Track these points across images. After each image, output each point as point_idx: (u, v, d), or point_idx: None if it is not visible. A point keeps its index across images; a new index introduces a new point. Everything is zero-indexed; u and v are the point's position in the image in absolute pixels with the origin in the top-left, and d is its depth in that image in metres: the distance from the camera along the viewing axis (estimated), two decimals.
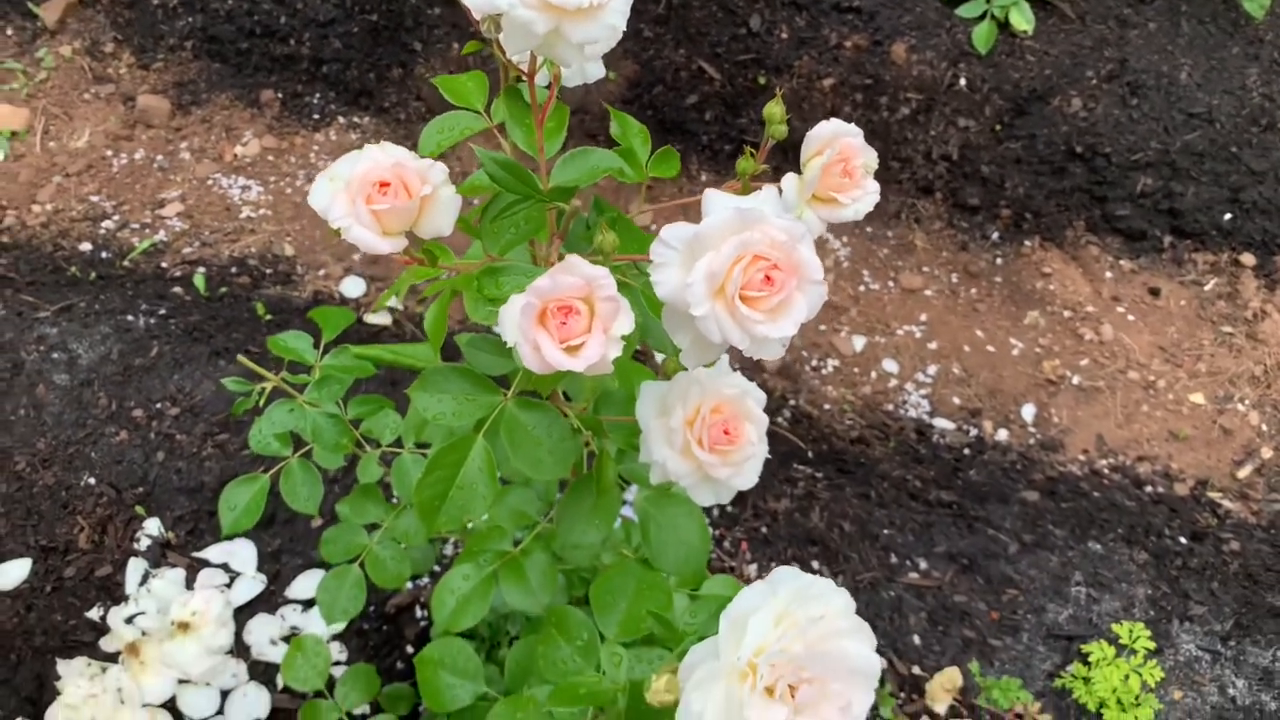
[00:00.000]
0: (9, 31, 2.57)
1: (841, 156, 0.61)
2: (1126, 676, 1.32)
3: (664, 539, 0.85)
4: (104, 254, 2.13)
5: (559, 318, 0.50)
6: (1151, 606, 1.47)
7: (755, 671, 0.55)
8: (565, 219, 0.59)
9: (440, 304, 0.65)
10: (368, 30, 2.46)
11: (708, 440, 0.70)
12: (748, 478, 0.73)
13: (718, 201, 0.52)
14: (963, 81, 2.26)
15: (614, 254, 0.56)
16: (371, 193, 0.52)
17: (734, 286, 0.50)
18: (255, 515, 1.05)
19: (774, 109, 0.63)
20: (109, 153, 2.37)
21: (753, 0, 2.32)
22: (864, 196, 0.62)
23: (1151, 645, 1.36)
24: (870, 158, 0.63)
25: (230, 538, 1.46)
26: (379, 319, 2.03)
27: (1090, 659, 1.36)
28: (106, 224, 2.21)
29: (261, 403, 1.01)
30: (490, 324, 0.74)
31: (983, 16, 2.27)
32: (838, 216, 0.62)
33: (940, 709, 1.31)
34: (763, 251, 0.50)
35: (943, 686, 1.31)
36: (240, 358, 1.00)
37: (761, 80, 2.29)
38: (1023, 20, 2.26)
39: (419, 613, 1.41)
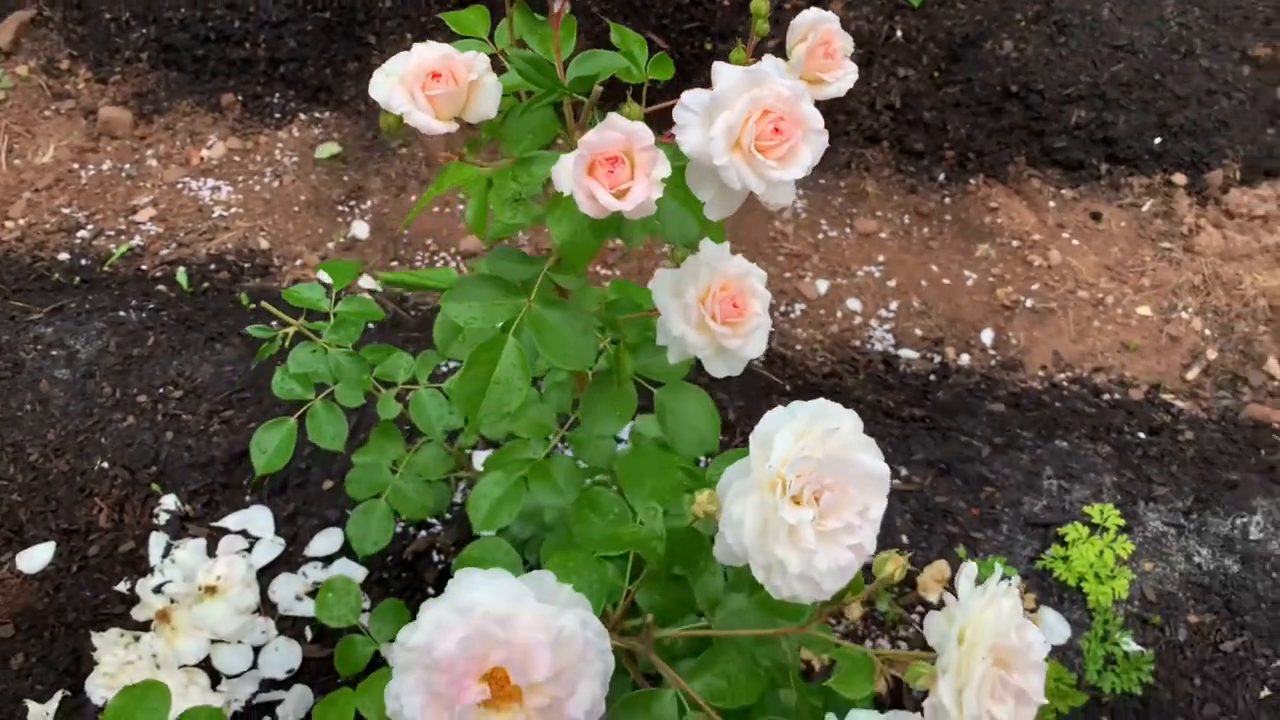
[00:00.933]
0: None
1: (823, 40, 0.70)
2: (1101, 552, 1.43)
3: (679, 426, 0.93)
4: (83, 261, 2.17)
5: (606, 168, 0.58)
6: (1118, 491, 1.57)
7: (784, 481, 0.63)
8: (586, 111, 0.67)
9: (479, 198, 0.73)
10: (321, 28, 2.52)
11: (720, 314, 0.79)
12: (756, 347, 0.82)
13: (726, 69, 0.60)
14: (899, 33, 2.36)
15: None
16: (426, 81, 0.60)
17: (749, 138, 0.58)
18: (285, 456, 1.12)
19: (760, 4, 0.71)
20: (75, 166, 2.41)
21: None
22: (845, 75, 0.71)
23: (1121, 523, 1.47)
24: (847, 42, 0.72)
25: (263, 479, 1.52)
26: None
27: (1067, 539, 1.46)
28: (81, 233, 2.25)
29: (287, 344, 1.08)
30: (516, 226, 0.82)
31: None
32: (823, 94, 0.71)
33: (933, 598, 1.39)
34: (771, 106, 0.58)
35: (933, 578, 1.40)
36: (264, 303, 1.07)
37: (709, 46, 2.38)
38: None
39: (435, 557, 1.48)
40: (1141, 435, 1.74)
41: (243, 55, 2.54)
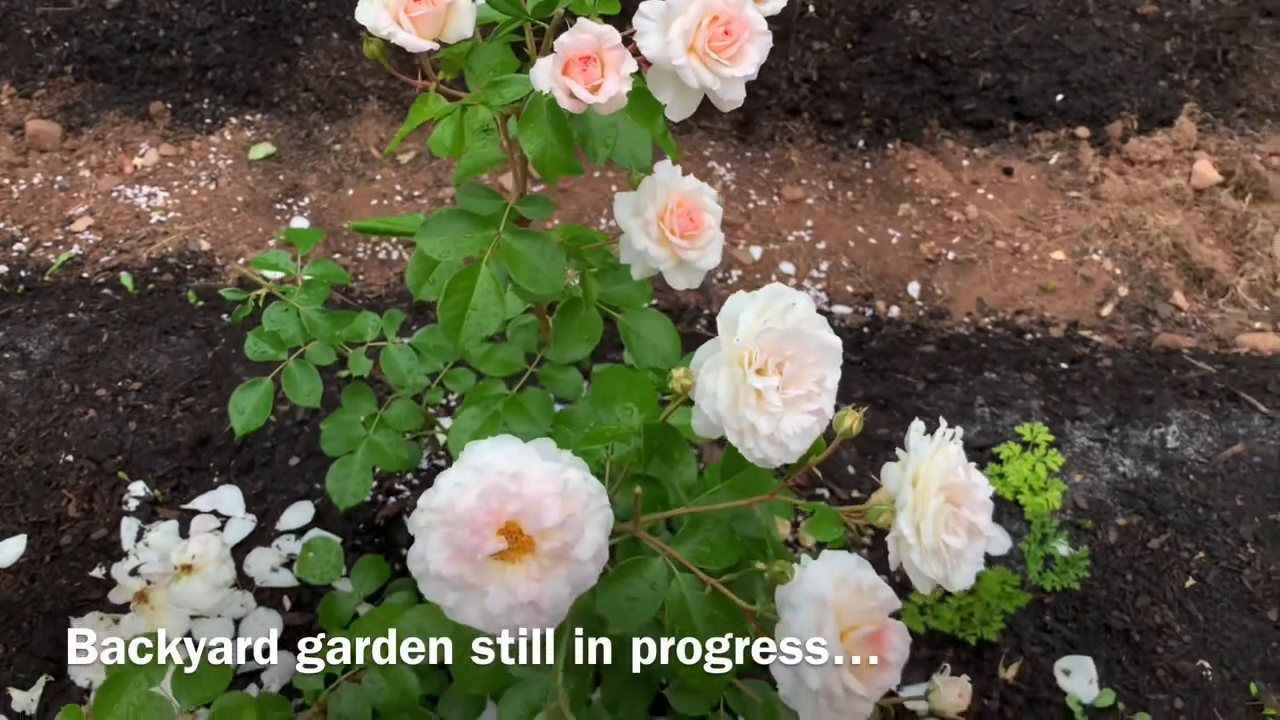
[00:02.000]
0: None
1: None
2: (1034, 467, 1.53)
3: (643, 346, 1.00)
4: (23, 272, 2.17)
5: (580, 66, 0.65)
6: (1045, 414, 1.68)
7: (750, 353, 0.71)
8: (547, 38, 0.74)
9: (455, 123, 0.79)
10: (247, 32, 2.55)
11: (678, 228, 0.86)
12: (712, 258, 0.89)
13: None
14: (812, 8, 2.47)
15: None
16: (409, 4, 0.66)
17: (703, 40, 0.65)
18: (264, 415, 1.17)
19: None
20: (5, 180, 2.40)
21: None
22: None
23: (1050, 439, 1.58)
24: None
25: (234, 452, 1.56)
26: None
27: (1001, 458, 1.56)
28: (18, 246, 2.25)
29: (260, 304, 1.13)
30: (485, 159, 0.89)
31: None
32: (764, 10, 0.78)
33: (879, 523, 1.49)
34: (720, 10, 0.65)
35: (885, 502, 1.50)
36: (237, 266, 1.12)
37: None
38: None
39: (407, 521, 1.53)
40: (1064, 365, 1.85)
41: (169, 63, 2.55)
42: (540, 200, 0.91)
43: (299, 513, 1.56)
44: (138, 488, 1.57)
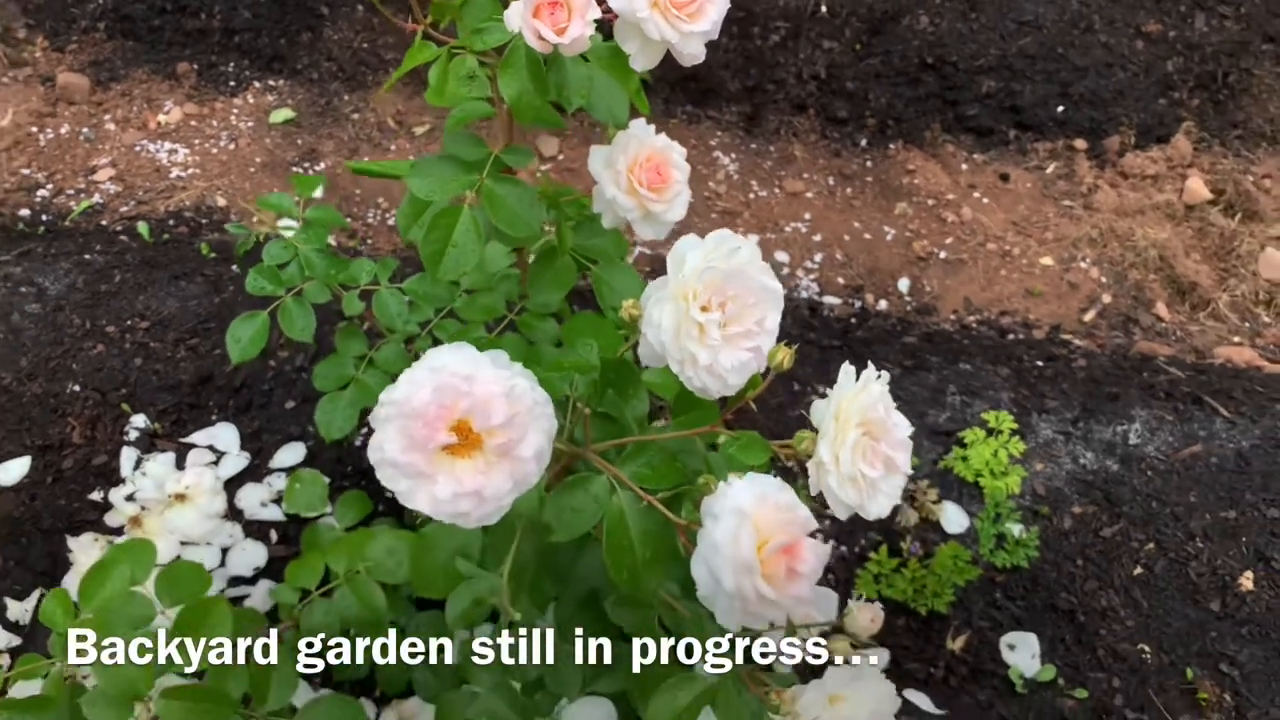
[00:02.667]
0: None
1: None
2: (996, 451, 1.59)
3: (613, 296, 1.07)
4: (44, 217, 2.25)
5: (549, 11, 0.71)
6: (1014, 405, 1.74)
7: (694, 290, 0.77)
8: None
9: (441, 67, 0.86)
10: (275, 0, 2.63)
11: (645, 180, 0.93)
12: (677, 212, 0.96)
13: None
14: (824, 8, 2.53)
15: None
16: None
17: None
18: (259, 345, 1.24)
19: None
20: (34, 129, 2.48)
21: None
22: None
23: (1015, 426, 1.63)
24: None
25: (234, 387, 1.62)
26: None
27: (966, 441, 1.62)
28: (42, 192, 2.33)
29: (262, 240, 1.20)
30: (471, 110, 0.96)
31: None
32: None
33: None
34: None
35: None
36: (245, 206, 1.19)
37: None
38: None
39: None
40: (1039, 362, 1.91)
41: (198, 26, 2.63)
42: (521, 150, 0.98)
43: (291, 453, 1.63)
44: (139, 420, 1.65)
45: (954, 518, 1.57)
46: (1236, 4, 2.51)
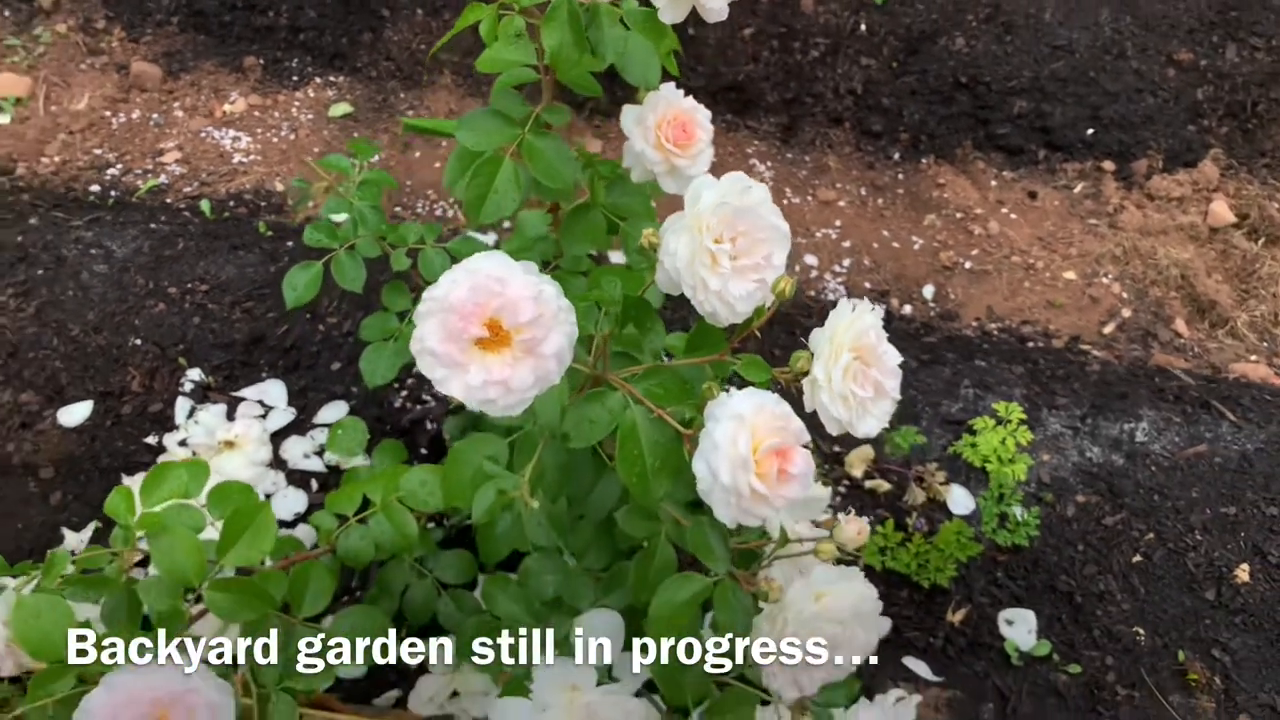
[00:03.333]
0: (7, 13, 2.82)
1: None
2: (1004, 439, 1.65)
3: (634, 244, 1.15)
4: (113, 193, 2.38)
5: None
6: (1025, 400, 1.80)
7: (708, 223, 0.86)
8: None
9: (490, 21, 0.95)
10: (340, 1, 2.76)
11: (672, 137, 1.02)
12: (700, 167, 1.05)
13: None
14: (863, 27, 2.62)
15: None
16: None
17: None
18: (313, 292, 1.34)
19: None
20: (107, 113, 2.63)
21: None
22: None
23: (1023, 416, 1.70)
24: None
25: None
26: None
27: (975, 429, 1.68)
28: (111, 171, 2.47)
29: (325, 192, 1.30)
30: (516, 66, 1.05)
31: None
32: None
33: (857, 474, 1.62)
34: None
35: (860, 458, 1.63)
36: (307, 160, 1.29)
37: (691, 31, 2.63)
38: None
39: (428, 426, 1.70)
40: (1053, 365, 1.97)
41: (265, 23, 2.77)
42: (559, 109, 1.08)
43: (335, 410, 1.72)
44: (194, 373, 1.75)
45: (960, 499, 1.63)
46: (1268, 36, 2.57)
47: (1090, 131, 2.52)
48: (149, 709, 0.83)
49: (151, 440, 1.67)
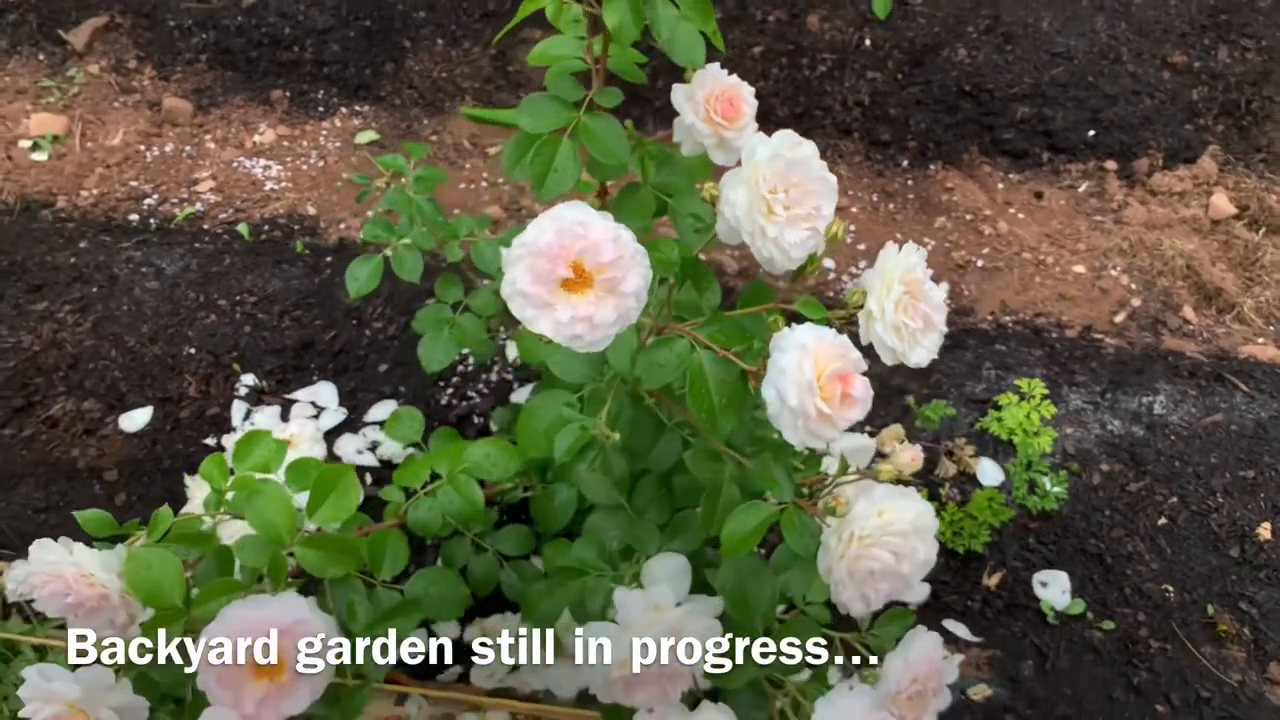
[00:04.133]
0: (41, 56, 2.93)
1: None
2: (1028, 414, 1.72)
3: (686, 222, 1.23)
4: (151, 221, 2.47)
5: None
6: (1046, 379, 1.87)
7: (763, 175, 0.94)
8: None
9: (555, 5, 1.04)
10: (362, 34, 2.87)
11: (720, 110, 1.10)
12: (746, 139, 1.12)
13: None
14: (868, 42, 2.72)
15: None
16: None
17: None
18: (374, 283, 1.42)
19: None
20: (141, 147, 2.72)
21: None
22: None
23: (1046, 392, 1.77)
24: None
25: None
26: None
27: (1000, 404, 1.75)
28: (148, 201, 2.56)
29: (386, 186, 1.39)
30: (565, 59, 1.14)
31: None
32: None
33: (887, 450, 1.69)
34: None
35: (891, 436, 1.70)
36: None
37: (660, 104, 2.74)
38: None
39: (475, 420, 1.77)
40: (1070, 346, 2.04)
41: (291, 57, 2.88)
42: (611, 91, 1.16)
43: (384, 409, 1.80)
44: (248, 378, 1.83)
45: (989, 471, 1.70)
46: (1258, 37, 2.67)
47: (1091, 133, 2.61)
48: (264, 637, 0.89)
49: (210, 442, 1.74)
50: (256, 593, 1.01)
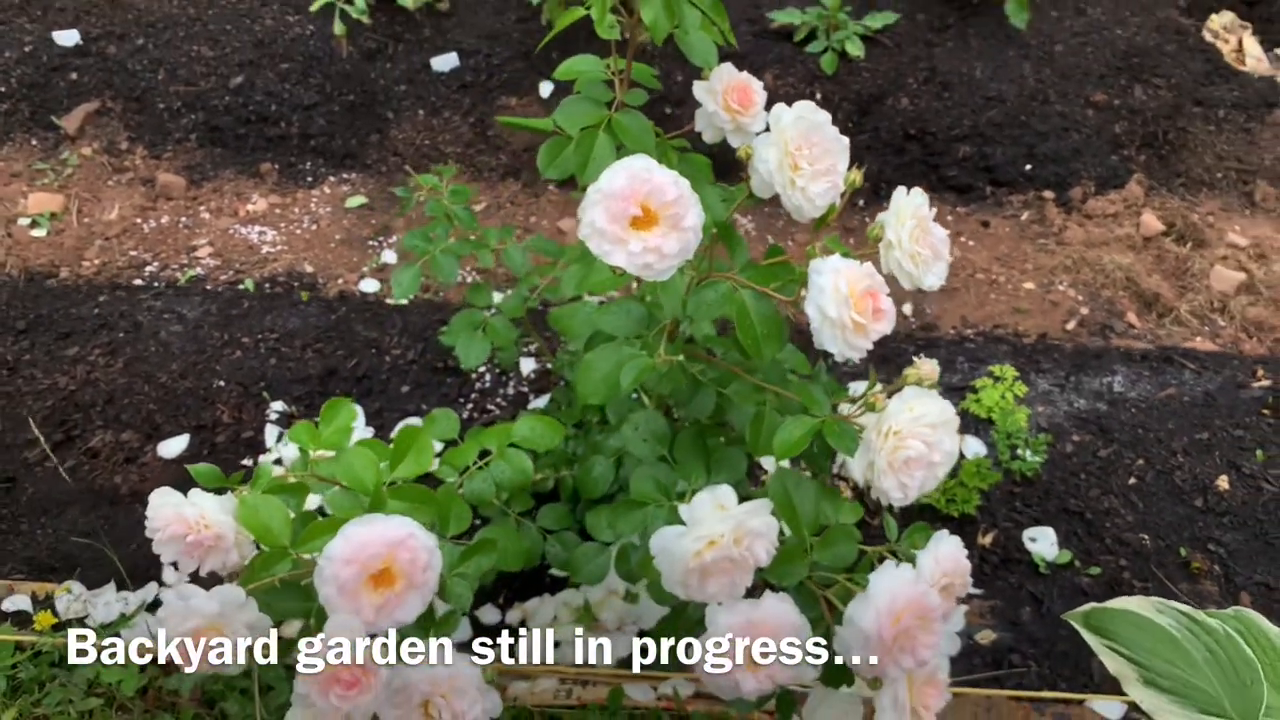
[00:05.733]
0: (34, 142, 3.06)
1: None
2: (1003, 395, 1.89)
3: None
4: (155, 284, 2.58)
5: None
6: (1015, 368, 2.05)
7: (790, 137, 1.11)
8: None
9: (599, 6, 1.21)
10: (346, 108, 3.04)
11: (736, 100, 1.28)
12: (759, 125, 1.30)
13: None
14: (819, 95, 2.96)
15: None
16: None
17: None
18: (415, 287, 1.56)
19: None
20: (139, 220, 2.84)
21: (656, 59, 3.01)
22: None
23: (1017, 374, 1.95)
24: None
25: (359, 360, 1.90)
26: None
27: (976, 388, 1.92)
28: (150, 268, 2.67)
29: (422, 198, 1.54)
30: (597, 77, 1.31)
31: (825, 50, 3.00)
32: None
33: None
34: None
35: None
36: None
37: (668, 111, 2.95)
38: (856, 49, 2.99)
39: None
40: (1034, 348, 2.24)
41: (278, 133, 3.04)
42: (636, 93, 1.33)
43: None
44: (277, 405, 1.94)
45: (973, 445, 1.86)
46: (1167, 76, 2.96)
47: (1028, 167, 2.85)
48: (380, 549, 1.01)
49: (247, 463, 1.84)
50: None
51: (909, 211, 1.09)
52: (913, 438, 1.04)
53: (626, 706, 1.52)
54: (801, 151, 1.11)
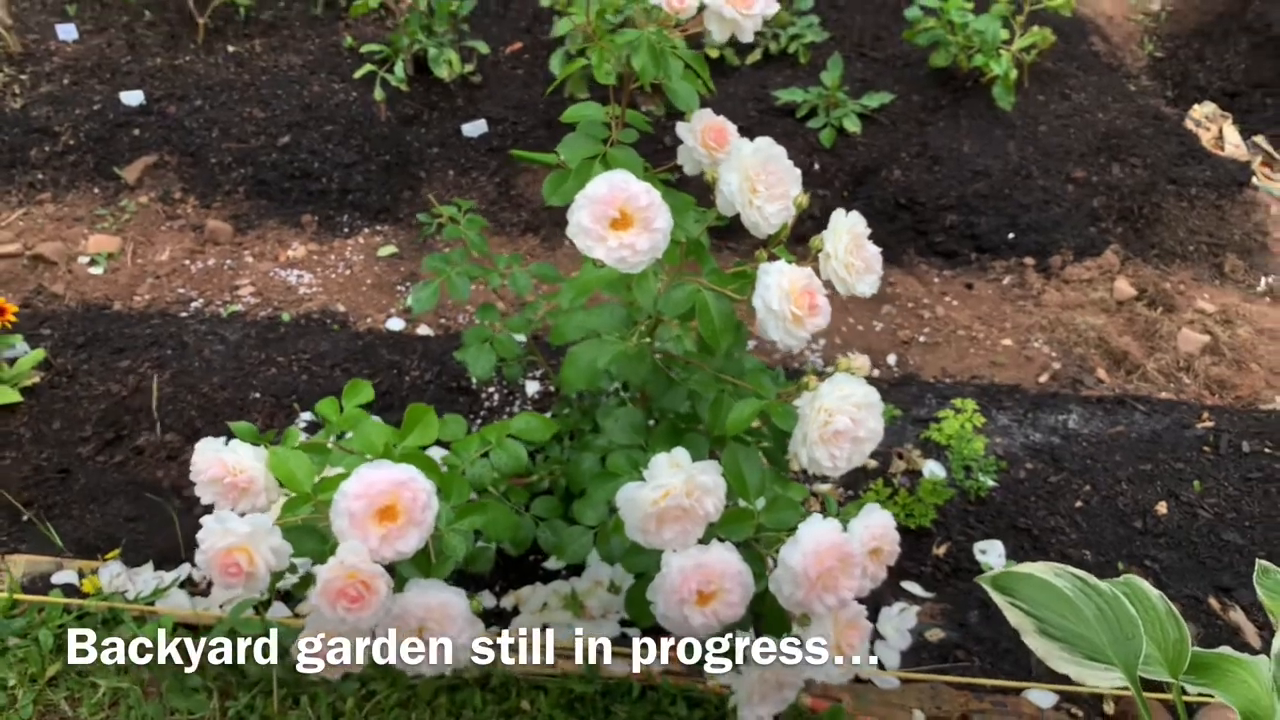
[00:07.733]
0: (96, 190, 3.34)
1: None
2: (963, 425, 2.07)
3: (681, 232, 1.61)
4: (200, 318, 2.82)
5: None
6: (979, 406, 2.23)
7: (749, 165, 1.32)
8: None
9: (598, 54, 1.45)
10: (382, 167, 3.31)
11: (713, 139, 1.50)
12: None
13: None
14: (817, 166, 3.20)
15: None
16: None
17: None
18: (433, 303, 1.77)
19: None
20: (187, 262, 3.10)
21: (665, 126, 3.27)
22: None
23: (977, 408, 2.13)
24: None
25: (380, 380, 2.10)
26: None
27: (940, 418, 2.10)
28: (195, 304, 2.91)
29: (443, 222, 1.76)
30: (596, 117, 1.54)
31: (825, 125, 3.25)
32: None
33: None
34: None
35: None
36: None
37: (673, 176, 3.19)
38: (854, 126, 3.24)
39: None
40: (999, 391, 2.42)
41: (319, 188, 3.31)
42: (628, 132, 1.56)
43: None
44: (306, 415, 2.15)
45: (933, 469, 2.03)
46: (1143, 156, 3.18)
47: (1011, 236, 3.07)
48: (387, 487, 1.20)
49: None
50: None
51: (845, 228, 1.30)
52: (840, 414, 1.23)
53: (603, 676, 1.69)
54: (759, 177, 1.32)
